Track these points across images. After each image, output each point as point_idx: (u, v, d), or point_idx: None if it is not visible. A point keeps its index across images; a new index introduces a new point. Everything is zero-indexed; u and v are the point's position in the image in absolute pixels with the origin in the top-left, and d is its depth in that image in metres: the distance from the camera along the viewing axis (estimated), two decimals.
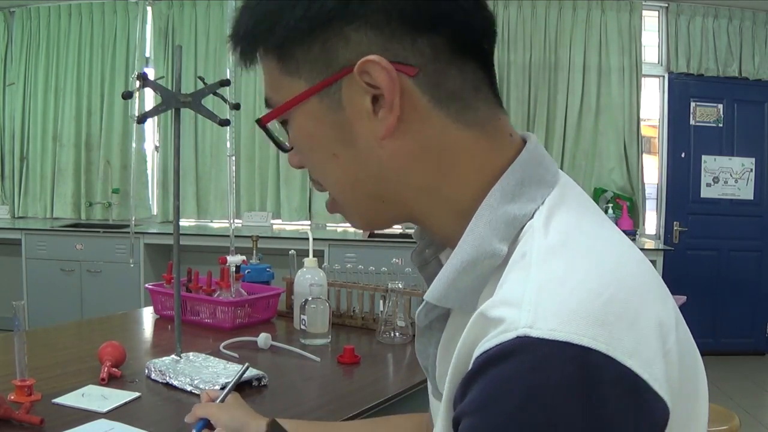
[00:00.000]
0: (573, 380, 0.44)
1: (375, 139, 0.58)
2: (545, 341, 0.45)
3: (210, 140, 5.17)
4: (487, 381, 0.46)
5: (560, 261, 0.51)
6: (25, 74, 5.37)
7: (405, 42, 0.56)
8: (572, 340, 0.45)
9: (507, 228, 0.56)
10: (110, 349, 1.44)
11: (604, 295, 0.48)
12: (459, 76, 0.58)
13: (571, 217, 0.57)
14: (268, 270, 2.25)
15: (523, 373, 0.45)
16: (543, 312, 0.47)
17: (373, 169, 0.60)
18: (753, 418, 3.72)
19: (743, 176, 5.01)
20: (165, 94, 1.43)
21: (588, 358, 0.45)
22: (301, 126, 0.61)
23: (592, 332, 0.45)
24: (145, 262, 4.70)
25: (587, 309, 0.47)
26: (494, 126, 0.60)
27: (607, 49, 4.89)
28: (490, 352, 0.47)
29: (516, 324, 0.46)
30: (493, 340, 0.47)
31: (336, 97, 0.58)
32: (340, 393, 1.45)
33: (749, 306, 5.00)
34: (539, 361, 0.45)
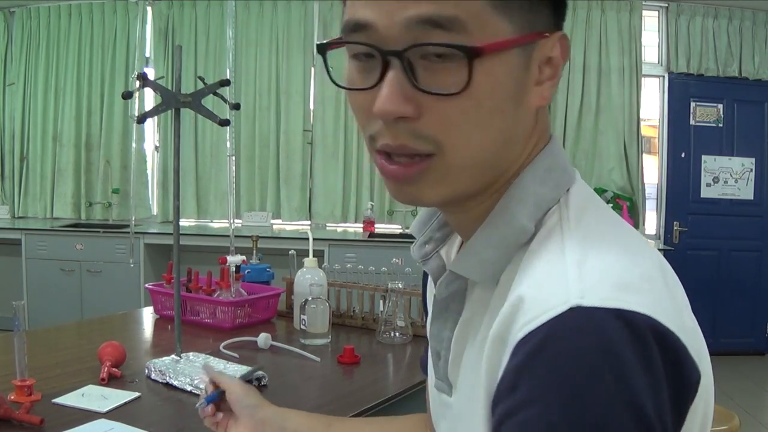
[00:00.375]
0: (627, 343, 0.46)
1: (533, 106, 0.59)
2: (600, 309, 0.47)
3: (210, 140, 5.17)
4: (547, 360, 0.46)
5: (594, 241, 0.53)
6: (25, 74, 5.37)
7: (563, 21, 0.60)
8: (625, 306, 0.47)
9: (535, 208, 0.58)
10: (110, 349, 1.44)
11: (637, 270, 0.51)
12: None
13: (594, 205, 0.59)
14: (268, 270, 2.25)
15: (586, 342, 0.46)
16: (590, 283, 0.49)
17: (518, 135, 0.59)
18: (753, 418, 3.72)
19: (743, 176, 5.01)
20: (165, 94, 1.43)
21: (637, 321, 0.47)
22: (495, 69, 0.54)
23: (639, 300, 0.48)
24: (145, 262, 4.70)
25: (628, 279, 0.50)
26: (546, 110, 0.63)
27: (607, 49, 4.89)
28: (543, 329, 0.47)
29: (566, 297, 0.48)
30: (544, 315, 0.48)
31: (528, 55, 0.56)
32: (340, 393, 1.45)
33: (749, 306, 5.00)
34: (598, 327, 0.46)
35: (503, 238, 0.58)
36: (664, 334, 0.48)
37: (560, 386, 0.45)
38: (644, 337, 0.46)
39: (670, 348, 0.48)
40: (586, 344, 0.46)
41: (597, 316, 0.46)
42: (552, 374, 0.46)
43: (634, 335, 0.46)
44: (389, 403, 1.39)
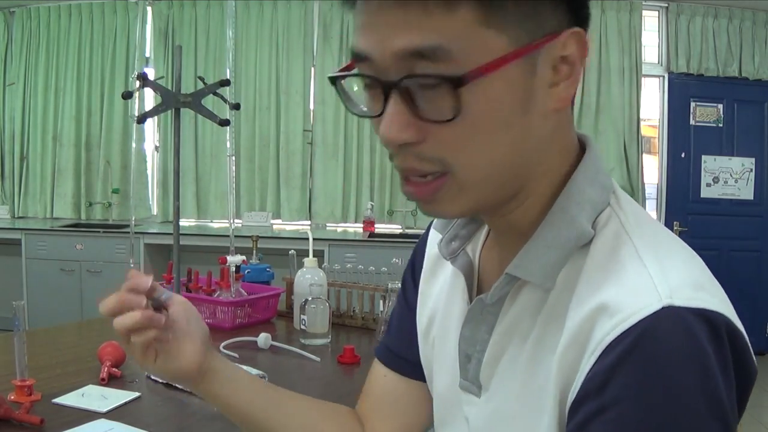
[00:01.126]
0: (710, 340, 0.49)
1: (545, 111, 0.56)
2: (688, 309, 0.50)
3: (210, 140, 5.17)
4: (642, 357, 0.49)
5: (661, 243, 0.57)
6: (25, 74, 5.37)
7: (584, 17, 0.57)
8: (705, 305, 0.51)
9: (592, 210, 0.59)
10: (110, 349, 1.44)
11: (706, 270, 0.57)
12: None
13: (639, 208, 0.62)
14: (268, 270, 2.25)
15: (679, 340, 0.49)
16: (675, 283, 0.52)
17: (532, 143, 0.56)
18: (753, 417, 3.72)
19: (743, 176, 5.01)
20: (165, 94, 1.43)
21: (717, 321, 0.51)
22: (492, 89, 0.52)
23: (713, 300, 0.52)
24: (145, 262, 4.69)
25: (702, 280, 0.54)
26: (571, 111, 0.62)
27: (607, 49, 4.89)
28: (634, 330, 0.50)
29: (657, 297, 0.50)
30: (637, 315, 0.50)
31: (532, 62, 0.53)
32: (340, 393, 1.45)
33: (749, 306, 4.99)
34: (689, 326, 0.49)
35: (566, 240, 0.58)
36: (735, 332, 0.51)
37: (656, 383, 0.48)
38: (722, 336, 0.50)
39: (740, 346, 0.52)
40: (679, 343, 0.49)
41: (686, 315, 0.49)
42: (648, 371, 0.48)
43: (714, 333, 0.50)
44: None
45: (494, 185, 0.57)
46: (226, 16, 4.92)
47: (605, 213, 0.59)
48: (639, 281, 0.52)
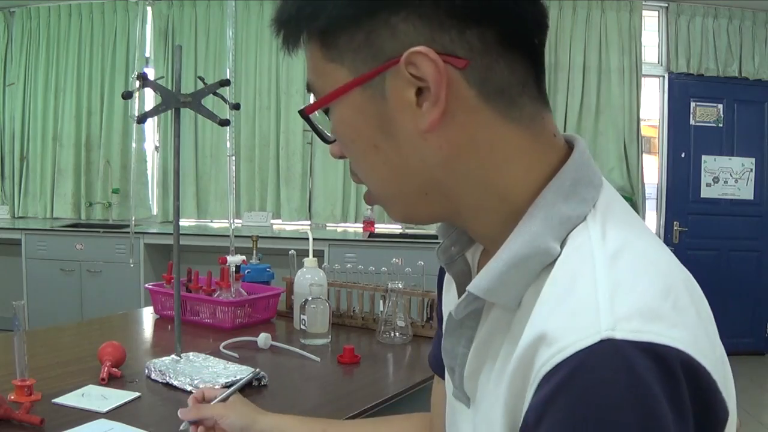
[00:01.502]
0: (658, 379, 0.45)
1: (418, 132, 0.56)
2: (631, 342, 0.45)
3: (210, 140, 5.17)
4: (574, 391, 0.45)
5: (625, 265, 0.51)
6: (25, 74, 5.37)
7: (453, 34, 0.54)
8: (656, 340, 0.46)
9: (560, 227, 0.55)
10: (110, 349, 1.44)
11: (671, 297, 0.49)
12: (507, 71, 0.56)
13: (622, 221, 0.57)
14: (268, 270, 2.25)
15: (614, 377, 0.44)
16: (622, 314, 0.47)
17: (416, 163, 0.58)
18: (753, 418, 3.72)
19: (743, 176, 5.01)
20: (165, 94, 1.43)
21: (669, 356, 0.45)
22: (343, 116, 0.59)
23: (672, 332, 0.47)
24: (145, 262, 4.70)
25: (662, 310, 0.48)
26: (539, 124, 0.59)
27: (607, 49, 4.89)
28: (571, 361, 0.46)
29: (597, 328, 0.46)
30: (573, 347, 0.46)
31: (379, 87, 0.56)
32: (340, 393, 1.45)
33: (749, 306, 5.00)
34: (628, 362, 0.45)
35: (526, 260, 0.55)
36: (696, 369, 0.46)
37: (586, 422, 0.44)
38: (675, 374, 0.45)
39: (702, 385, 0.47)
40: (615, 379, 0.44)
41: (628, 350, 0.45)
42: (578, 409, 0.45)
43: (664, 371, 0.45)
44: (389, 403, 1.39)
45: (410, 200, 0.61)
46: (226, 16, 4.92)
47: (578, 229, 0.55)
48: (583, 309, 0.48)
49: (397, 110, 0.56)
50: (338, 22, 0.56)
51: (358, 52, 0.56)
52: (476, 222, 0.61)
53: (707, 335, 0.50)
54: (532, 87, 0.58)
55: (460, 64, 0.54)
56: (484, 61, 0.55)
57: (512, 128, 0.57)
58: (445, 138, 0.56)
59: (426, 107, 0.55)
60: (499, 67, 0.55)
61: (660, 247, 0.57)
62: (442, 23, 0.54)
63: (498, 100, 0.56)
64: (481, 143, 0.57)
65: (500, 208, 0.59)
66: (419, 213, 0.63)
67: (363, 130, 0.59)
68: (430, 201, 0.61)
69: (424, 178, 0.59)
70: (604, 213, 0.56)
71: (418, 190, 0.60)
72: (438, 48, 0.54)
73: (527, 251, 0.55)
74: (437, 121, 0.55)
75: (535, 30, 0.58)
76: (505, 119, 0.57)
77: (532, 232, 0.55)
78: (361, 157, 0.61)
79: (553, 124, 0.61)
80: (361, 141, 0.59)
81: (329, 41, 0.57)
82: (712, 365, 0.48)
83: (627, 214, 0.59)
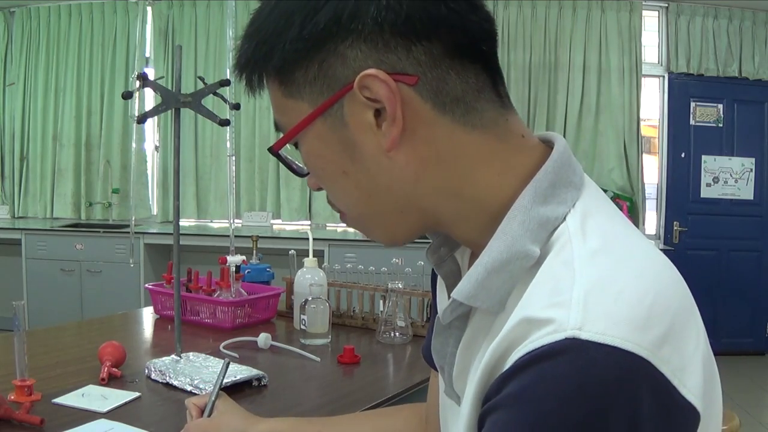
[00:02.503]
0: (617, 384, 0.46)
1: (381, 152, 0.58)
2: (594, 344, 0.46)
3: (210, 140, 5.17)
4: (531, 377, 0.47)
5: (604, 265, 0.52)
6: (25, 74, 5.37)
7: (400, 52, 0.56)
8: (619, 345, 0.46)
9: (540, 230, 0.56)
10: (110, 349, 1.44)
11: (647, 300, 0.49)
12: (459, 80, 0.57)
13: (604, 221, 0.57)
14: (268, 270, 2.25)
15: (571, 373, 0.46)
16: (592, 315, 0.48)
17: (384, 182, 0.60)
18: (753, 418, 3.72)
19: (743, 176, 5.01)
20: (165, 94, 1.43)
21: (632, 363, 0.46)
22: (310, 147, 0.61)
23: (638, 338, 0.47)
24: (145, 262, 4.70)
25: (633, 314, 0.48)
26: (503, 128, 0.60)
27: (607, 49, 4.89)
28: (536, 352, 0.47)
29: (565, 326, 0.47)
30: (540, 340, 0.48)
31: (339, 115, 0.58)
32: (340, 393, 1.45)
33: (749, 306, 5.00)
34: (587, 363, 0.46)
35: (505, 264, 0.56)
36: (657, 379, 0.47)
37: (535, 403, 0.46)
38: (633, 380, 0.46)
39: (663, 392, 0.47)
40: (570, 375, 0.46)
41: (590, 351, 0.46)
42: (529, 392, 0.47)
43: (622, 375, 0.46)
44: (389, 403, 1.39)
45: (387, 220, 0.63)
46: (226, 16, 4.92)
47: (558, 231, 0.56)
48: (558, 304, 0.49)
49: (358, 134, 0.58)
50: (291, 57, 0.58)
51: (314, 85, 0.58)
52: (458, 230, 0.63)
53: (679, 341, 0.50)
54: (490, 92, 0.59)
55: (411, 81, 0.56)
56: (434, 74, 0.56)
57: (474, 135, 0.58)
58: (409, 154, 0.58)
59: (385, 127, 0.57)
60: (450, 77, 0.57)
61: (643, 246, 0.57)
62: (388, 44, 0.55)
63: (455, 109, 0.57)
64: (445, 154, 0.58)
65: (478, 215, 0.60)
66: (399, 233, 0.64)
67: (330, 158, 0.60)
68: (406, 218, 0.62)
69: (396, 196, 0.60)
70: (585, 214, 0.57)
71: (393, 208, 0.62)
72: (387, 68, 0.55)
73: (506, 256, 0.56)
74: (397, 139, 0.57)
75: (482, 38, 0.59)
76: (465, 126, 0.58)
77: (511, 236, 0.56)
78: (333, 185, 0.63)
79: (519, 125, 0.62)
80: (330, 169, 0.61)
81: (286, 78, 0.59)
82: (678, 370, 0.48)
83: (609, 214, 0.59)
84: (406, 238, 0.65)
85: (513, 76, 4.92)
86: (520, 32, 4.92)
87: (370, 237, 0.66)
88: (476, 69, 0.58)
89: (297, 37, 0.57)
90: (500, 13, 4.90)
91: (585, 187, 0.60)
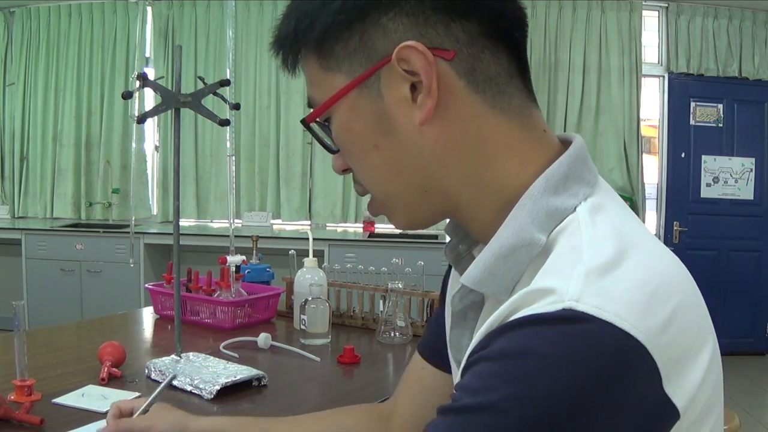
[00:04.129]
0: (606, 359, 0.46)
1: (414, 127, 0.59)
2: (589, 316, 0.47)
3: (210, 140, 5.17)
4: (521, 336, 0.48)
5: (609, 249, 0.52)
6: (25, 74, 5.37)
7: (439, 27, 0.57)
8: (615, 322, 0.47)
9: (548, 219, 0.57)
10: (110, 349, 1.44)
11: (650, 286, 0.50)
12: (493, 61, 0.59)
13: (615, 216, 0.58)
14: (268, 270, 2.25)
15: (562, 340, 0.46)
16: (591, 289, 0.48)
17: (415, 158, 0.60)
18: (753, 418, 3.72)
19: (743, 176, 5.01)
20: (165, 94, 1.43)
21: (624, 343, 0.46)
22: (342, 120, 0.62)
23: (635, 320, 0.47)
24: (145, 262, 4.70)
25: (633, 296, 0.49)
26: (529, 117, 0.61)
27: (607, 49, 4.89)
28: (532, 316, 0.48)
29: (563, 296, 0.48)
30: (538, 308, 0.48)
31: (375, 87, 0.59)
32: (340, 393, 1.45)
33: (749, 306, 5.00)
34: (579, 333, 0.46)
35: (512, 250, 0.56)
36: (647, 365, 0.47)
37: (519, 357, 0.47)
38: (624, 359, 0.46)
39: (646, 380, 0.47)
40: (559, 341, 0.46)
41: (584, 322, 0.47)
42: (515, 343, 0.47)
43: (614, 352, 0.46)
44: None
45: (411, 200, 0.63)
46: (226, 16, 4.92)
47: (568, 220, 0.56)
48: (560, 275, 0.50)
49: (393, 107, 0.59)
50: (333, 29, 0.59)
51: (353, 57, 0.59)
52: (475, 218, 0.63)
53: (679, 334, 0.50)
54: (519, 80, 0.61)
55: (448, 56, 0.57)
56: (470, 52, 0.58)
57: (502, 119, 0.60)
58: (439, 131, 0.59)
59: (420, 100, 0.58)
60: (485, 57, 0.59)
61: (654, 242, 0.58)
62: (428, 19, 0.57)
63: (486, 90, 0.59)
64: (472, 136, 0.59)
65: (496, 202, 0.60)
66: (421, 214, 0.64)
67: (362, 131, 0.61)
68: (430, 199, 0.62)
69: (422, 174, 0.61)
70: (596, 207, 0.57)
71: (419, 187, 0.62)
72: (426, 42, 0.57)
73: (513, 242, 0.57)
74: (431, 111, 0.58)
75: (516, 24, 0.61)
76: (494, 109, 0.59)
77: (519, 223, 0.57)
78: (362, 160, 0.63)
79: (541, 120, 0.63)
80: (362, 142, 0.61)
81: (326, 51, 0.60)
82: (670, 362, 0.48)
83: (620, 211, 0.60)
84: (425, 223, 0.65)
85: None
86: None
87: (391, 219, 0.66)
88: (508, 54, 0.60)
89: (341, 9, 0.58)
90: None
91: (599, 186, 0.61)
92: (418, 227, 0.67)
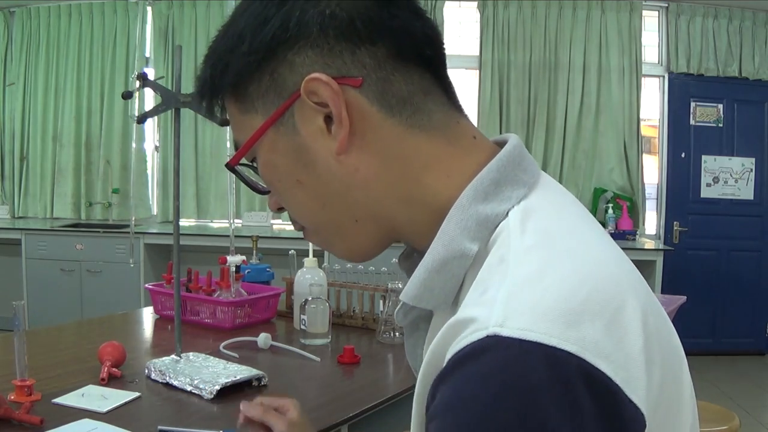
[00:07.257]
0: (543, 381, 0.44)
1: (333, 157, 0.58)
2: (515, 340, 0.44)
3: (210, 140, 5.17)
4: (458, 381, 0.46)
5: (536, 260, 0.50)
6: (25, 74, 5.37)
7: (345, 56, 0.57)
8: (542, 340, 0.44)
9: (478, 228, 0.56)
10: (110, 349, 1.44)
11: (581, 294, 0.47)
12: (404, 81, 0.58)
13: (548, 217, 0.56)
14: (268, 270, 2.25)
15: (493, 373, 0.44)
16: (514, 311, 0.46)
17: (338, 188, 0.60)
18: (753, 418, 3.72)
19: (743, 176, 5.01)
20: (165, 94, 1.43)
21: (558, 359, 0.44)
22: (265, 159, 0.62)
23: (564, 333, 0.45)
24: (145, 262, 4.70)
25: (561, 308, 0.46)
26: (453, 130, 0.60)
27: (607, 49, 4.89)
28: (461, 353, 0.47)
29: (486, 323, 0.46)
30: (464, 340, 0.47)
31: (290, 123, 0.59)
32: (340, 393, 1.45)
33: (749, 306, 5.00)
34: (509, 360, 0.44)
35: (444, 263, 0.56)
36: (591, 375, 0.44)
37: (463, 410, 0.45)
38: (568, 378, 0.44)
39: (598, 390, 0.44)
40: (491, 375, 0.44)
41: (511, 348, 0.44)
42: (456, 397, 0.45)
43: (550, 374, 0.44)
44: (389, 403, 1.39)
45: (344, 231, 0.63)
46: (226, 16, 4.91)
47: (500, 228, 0.55)
48: (485, 303, 0.48)
49: (310, 140, 0.59)
50: (244, 71, 0.60)
51: (266, 96, 0.59)
52: (415, 236, 0.62)
53: (622, 338, 0.47)
54: (440, 95, 0.60)
55: (356, 83, 0.57)
56: (379, 76, 0.57)
57: (423, 137, 0.59)
58: (359, 158, 0.59)
59: (334, 130, 0.58)
60: (395, 78, 0.58)
61: (592, 242, 0.55)
62: (332, 49, 0.57)
63: (402, 110, 0.58)
64: (393, 157, 0.59)
65: (429, 217, 0.59)
66: (358, 245, 0.64)
67: (285, 168, 0.61)
68: (363, 228, 0.62)
69: (349, 203, 0.61)
70: (528, 210, 0.56)
71: (348, 217, 0.62)
72: (333, 72, 0.57)
73: (443, 255, 0.56)
74: (345, 140, 0.57)
75: (426, 43, 0.60)
76: (413, 128, 0.59)
77: (448, 235, 0.56)
78: (289, 196, 0.63)
79: (470, 128, 0.62)
80: (286, 179, 0.62)
81: (241, 93, 0.61)
82: (616, 367, 0.45)
83: (558, 211, 0.58)
84: (367, 251, 0.65)
85: (513, 76, 4.92)
86: (520, 32, 4.92)
87: (331, 251, 0.66)
88: (421, 72, 0.59)
89: (248, 50, 0.58)
90: (500, 12, 4.90)
91: (539, 186, 0.59)
92: (364, 257, 0.66)
